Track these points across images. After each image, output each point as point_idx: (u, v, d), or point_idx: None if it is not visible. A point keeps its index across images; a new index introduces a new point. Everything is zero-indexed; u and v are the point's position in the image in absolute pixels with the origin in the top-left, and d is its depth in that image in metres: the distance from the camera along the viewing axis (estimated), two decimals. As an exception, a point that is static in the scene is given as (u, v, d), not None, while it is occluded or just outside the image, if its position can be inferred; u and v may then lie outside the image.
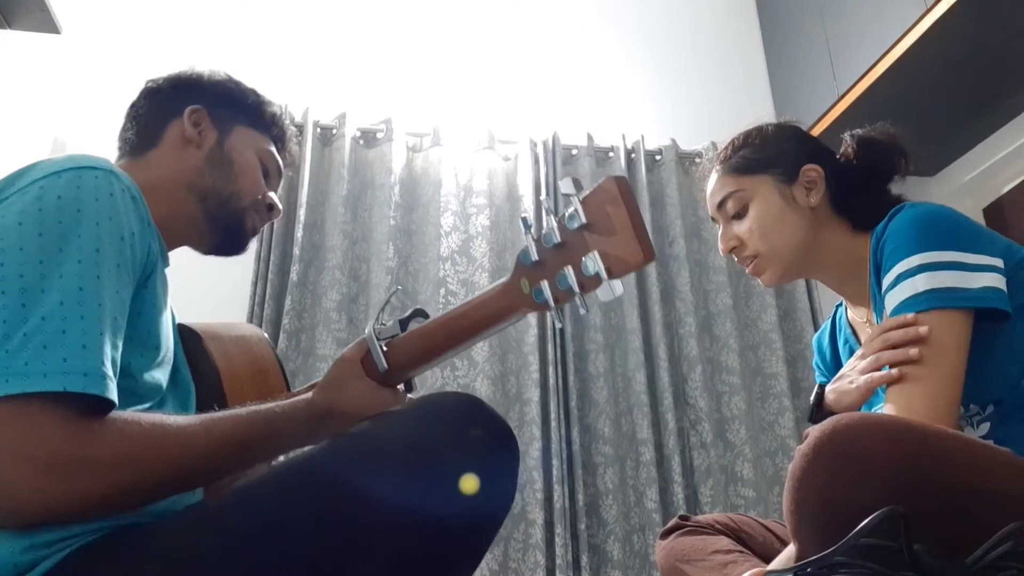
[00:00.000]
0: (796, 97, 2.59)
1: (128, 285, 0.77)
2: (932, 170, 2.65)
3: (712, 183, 1.21)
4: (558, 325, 0.82)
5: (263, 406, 0.83)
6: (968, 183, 2.54)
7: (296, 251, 2.19)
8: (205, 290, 1.73)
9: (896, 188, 1.16)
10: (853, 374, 0.98)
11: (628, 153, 2.54)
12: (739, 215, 1.16)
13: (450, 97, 2.58)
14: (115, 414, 0.70)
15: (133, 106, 1.07)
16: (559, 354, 2.24)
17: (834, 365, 1.24)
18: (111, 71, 2.38)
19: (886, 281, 0.98)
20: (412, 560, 0.68)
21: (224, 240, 1.04)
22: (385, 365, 0.89)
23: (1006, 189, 2.42)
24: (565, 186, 0.74)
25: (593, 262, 0.71)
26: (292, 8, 2.61)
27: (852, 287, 1.15)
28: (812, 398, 1.13)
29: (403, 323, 0.93)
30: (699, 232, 2.53)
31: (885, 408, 0.91)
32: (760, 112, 1.27)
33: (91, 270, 0.72)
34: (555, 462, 2.08)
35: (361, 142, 2.44)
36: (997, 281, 0.93)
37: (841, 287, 1.17)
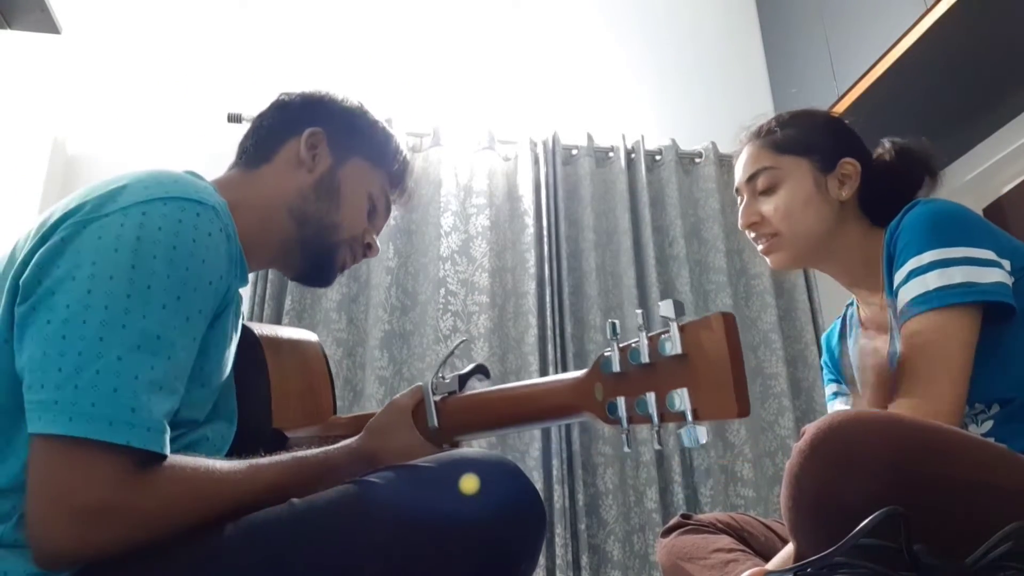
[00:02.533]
0: (796, 97, 2.59)
1: (202, 330, 0.76)
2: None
3: (746, 154, 1.19)
4: (626, 450, 0.80)
5: (309, 454, 0.82)
6: (968, 183, 2.54)
7: (296, 251, 2.19)
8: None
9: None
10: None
11: (628, 153, 2.54)
12: (767, 191, 1.15)
13: (450, 97, 2.59)
14: (165, 463, 0.69)
15: (260, 116, 1.05)
16: (559, 354, 2.23)
17: (843, 363, 1.24)
18: (111, 71, 2.39)
19: (898, 277, 0.98)
20: None
21: (312, 270, 1.02)
22: (436, 423, 0.86)
23: (1006, 189, 2.42)
24: (665, 308, 0.68)
25: (680, 399, 0.67)
26: (292, 9, 2.61)
27: (862, 283, 1.14)
28: None
29: (462, 379, 0.90)
30: (699, 232, 2.53)
31: (891, 406, 0.92)
32: (760, 112, 1.26)
33: (172, 317, 0.70)
34: (555, 462, 2.08)
35: (361, 142, 2.43)
36: (1003, 277, 0.94)
37: (853, 282, 1.17)
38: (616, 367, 0.73)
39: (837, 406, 1.26)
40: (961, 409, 0.90)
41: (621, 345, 0.74)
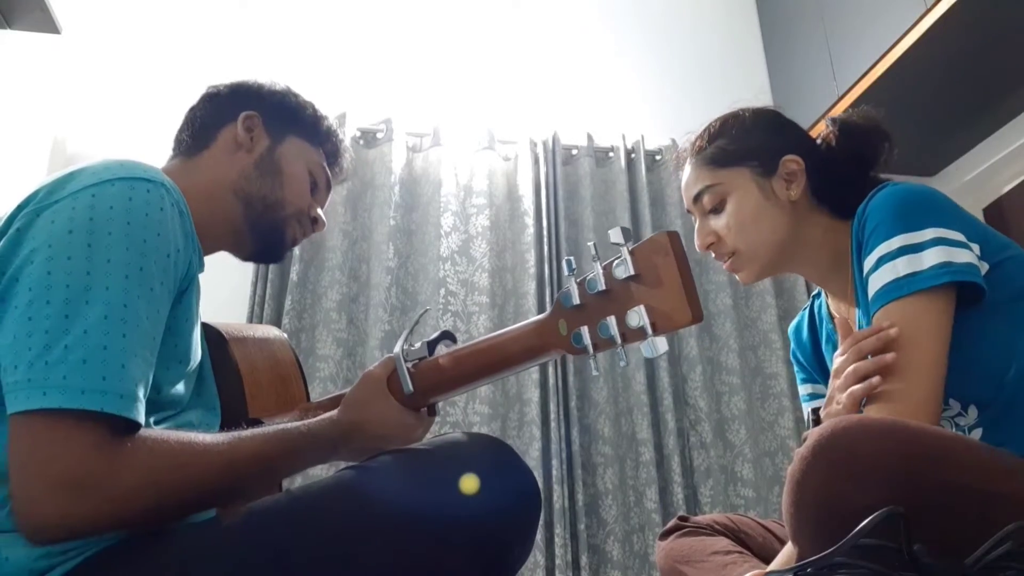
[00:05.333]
0: (796, 97, 2.59)
1: (167, 303, 0.77)
2: (932, 170, 2.65)
3: (687, 175, 1.15)
4: (595, 373, 0.83)
5: (290, 426, 0.83)
6: (968, 183, 2.54)
7: (296, 251, 2.19)
8: (206, 290, 1.72)
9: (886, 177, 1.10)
10: (836, 393, 0.94)
11: (628, 153, 2.54)
12: (716, 210, 1.10)
13: (450, 97, 2.58)
14: (143, 433, 0.70)
15: (191, 109, 1.07)
16: (556, 359, 2.23)
17: (815, 359, 1.20)
18: (111, 71, 2.39)
19: (867, 263, 0.95)
20: None
21: (263, 247, 1.04)
22: (411, 388, 0.88)
23: (1006, 189, 2.42)
24: (615, 235, 0.72)
25: (638, 316, 0.71)
26: (292, 9, 2.61)
27: (834, 280, 1.10)
28: (808, 424, 1.12)
29: (431, 345, 0.93)
30: (699, 232, 2.53)
31: (867, 402, 0.89)
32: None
33: (136, 287, 0.71)
34: (555, 462, 2.08)
35: (361, 142, 2.43)
36: (974, 259, 0.90)
37: (823, 280, 1.13)
38: (576, 300, 0.76)
39: (813, 405, 1.22)
40: (938, 403, 0.87)
41: (578, 280, 0.77)
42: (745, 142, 1.11)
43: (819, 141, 1.13)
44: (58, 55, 2.23)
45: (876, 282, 0.93)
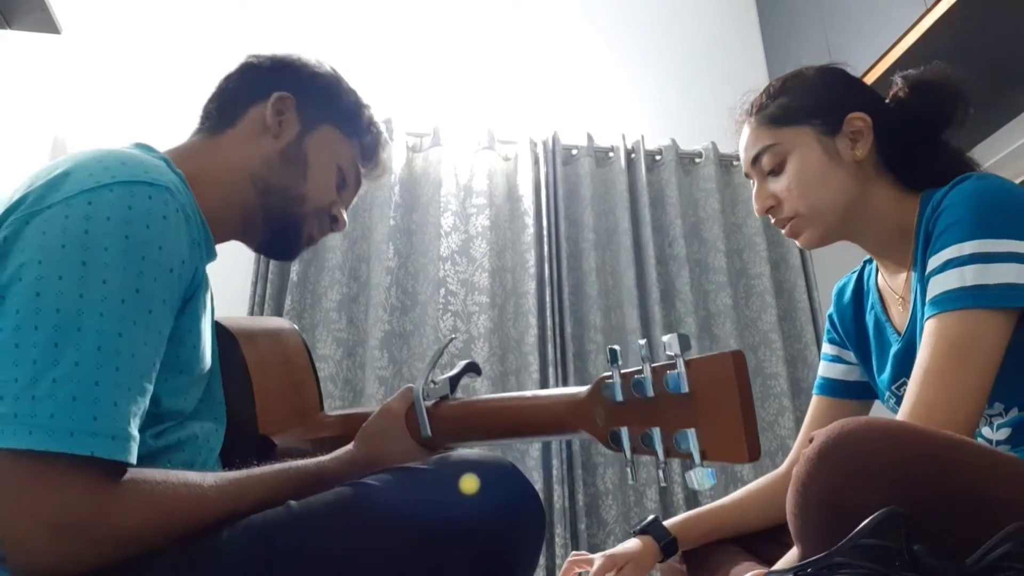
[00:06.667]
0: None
1: (169, 321, 0.71)
2: (932, 170, 2.65)
3: (745, 136, 1.08)
4: (631, 482, 0.79)
5: (301, 466, 0.78)
6: (968, 183, 2.54)
7: (296, 251, 2.19)
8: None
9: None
10: None
11: (628, 153, 2.54)
12: (776, 171, 1.04)
13: (450, 97, 2.59)
14: (139, 477, 0.66)
15: (226, 78, 0.98)
16: (559, 354, 2.24)
17: (855, 327, 1.14)
18: (111, 71, 2.39)
19: (933, 262, 0.89)
20: None
21: (275, 241, 0.96)
22: (429, 433, 0.84)
23: (1006, 189, 2.42)
24: (671, 344, 0.66)
25: (688, 440, 0.65)
26: (292, 9, 2.61)
27: (892, 253, 1.04)
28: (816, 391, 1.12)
29: (453, 381, 0.88)
30: (699, 232, 2.53)
31: (904, 404, 0.85)
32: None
33: (132, 312, 0.66)
34: (555, 462, 2.08)
35: (361, 142, 2.43)
36: None
37: (880, 252, 1.06)
38: (619, 396, 0.71)
39: (832, 369, 1.18)
40: (976, 421, 0.83)
41: (623, 371, 0.72)
42: (808, 99, 1.05)
43: (888, 99, 1.07)
44: (58, 55, 2.23)
45: (939, 285, 0.87)
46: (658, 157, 2.59)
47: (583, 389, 0.76)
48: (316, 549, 0.67)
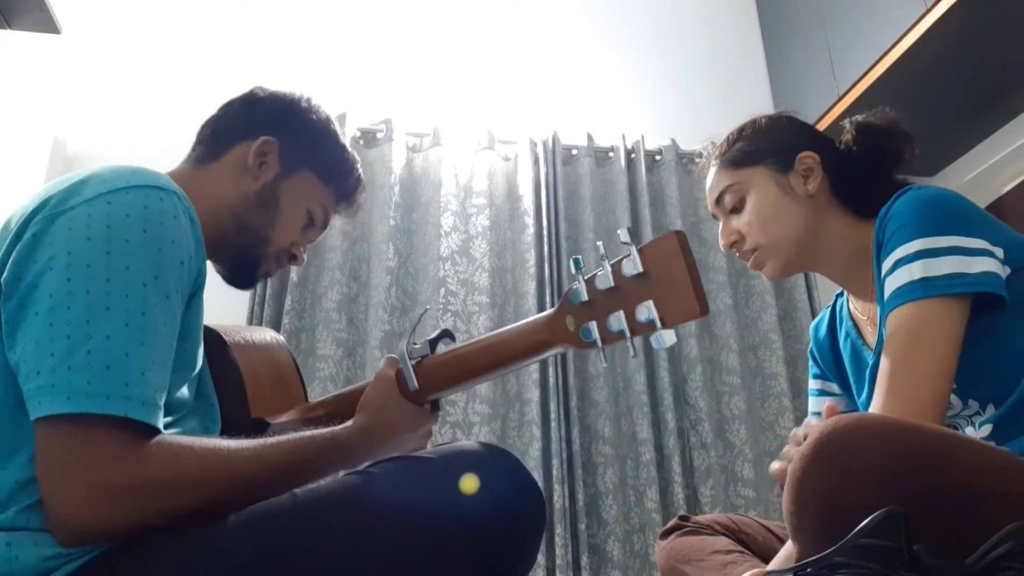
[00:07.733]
0: (796, 97, 2.59)
1: (180, 310, 0.78)
2: (932, 170, 2.65)
3: (710, 179, 1.20)
4: (602, 365, 0.86)
5: (316, 434, 0.83)
6: (968, 183, 2.54)
7: (296, 251, 2.19)
8: (206, 289, 1.73)
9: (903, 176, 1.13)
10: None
11: (628, 153, 2.54)
12: (737, 208, 1.14)
13: (450, 97, 2.59)
14: (167, 439, 0.71)
15: (228, 104, 1.05)
16: (559, 354, 2.24)
17: (833, 358, 1.22)
18: (111, 71, 2.39)
19: (885, 266, 0.97)
20: None
21: (234, 274, 1.04)
22: (416, 384, 0.90)
23: (1006, 189, 2.42)
24: (624, 235, 0.76)
25: (647, 310, 0.74)
26: (292, 9, 2.61)
27: (856, 280, 1.12)
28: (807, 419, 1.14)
29: (432, 343, 0.95)
30: (699, 232, 2.53)
31: (874, 399, 0.91)
32: (760, 112, 1.26)
33: (153, 295, 0.72)
34: (555, 462, 2.08)
35: (361, 142, 2.43)
36: (994, 267, 0.92)
37: (845, 280, 1.15)
38: (584, 296, 0.79)
39: (820, 403, 1.25)
40: (943, 405, 0.89)
41: (586, 277, 0.80)
42: (761, 142, 1.16)
43: (839, 142, 1.16)
44: (58, 55, 2.23)
45: (892, 284, 0.95)
46: (658, 157, 2.59)
47: (553, 308, 0.84)
48: (318, 538, 0.69)
